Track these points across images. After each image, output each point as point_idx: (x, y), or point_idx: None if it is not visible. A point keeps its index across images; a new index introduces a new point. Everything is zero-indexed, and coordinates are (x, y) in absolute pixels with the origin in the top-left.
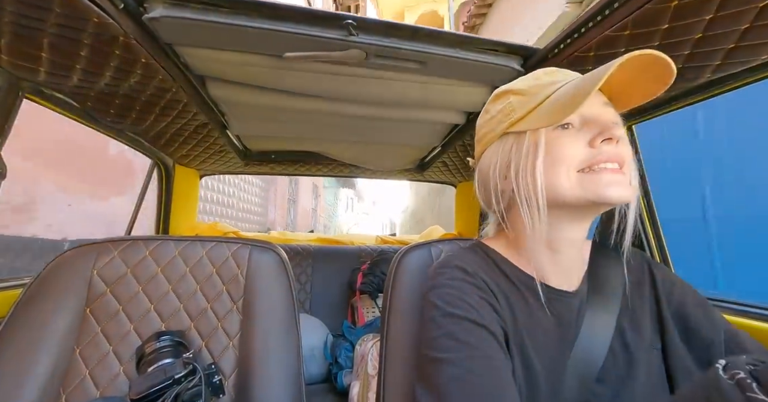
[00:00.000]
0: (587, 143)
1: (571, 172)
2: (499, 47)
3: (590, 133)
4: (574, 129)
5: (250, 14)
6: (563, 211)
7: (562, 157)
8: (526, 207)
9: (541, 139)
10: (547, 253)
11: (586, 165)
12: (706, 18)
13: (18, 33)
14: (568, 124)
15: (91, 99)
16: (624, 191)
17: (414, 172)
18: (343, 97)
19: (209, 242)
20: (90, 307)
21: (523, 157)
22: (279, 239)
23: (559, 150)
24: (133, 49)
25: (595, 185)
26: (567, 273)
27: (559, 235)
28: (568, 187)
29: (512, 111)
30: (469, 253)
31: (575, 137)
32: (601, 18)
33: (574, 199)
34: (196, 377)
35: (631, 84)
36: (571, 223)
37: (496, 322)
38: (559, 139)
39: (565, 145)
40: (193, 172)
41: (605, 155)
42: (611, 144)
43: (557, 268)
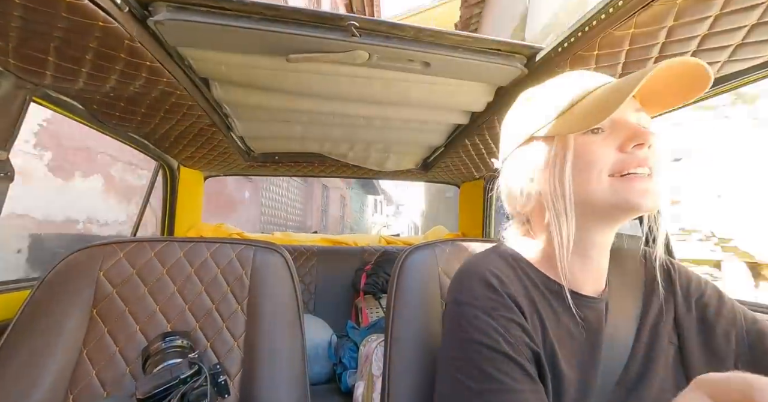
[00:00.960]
0: (617, 148)
1: (602, 176)
2: (502, 47)
3: (621, 138)
4: (604, 133)
5: (254, 16)
6: (593, 217)
7: (592, 161)
8: (554, 212)
9: (570, 143)
10: (576, 259)
11: (616, 170)
12: (711, 15)
13: (25, 37)
14: (598, 128)
15: (96, 102)
16: (655, 199)
17: (417, 172)
18: (346, 98)
19: (214, 243)
20: (97, 308)
21: (551, 161)
22: (283, 240)
23: (589, 154)
24: (138, 52)
25: (626, 192)
26: (595, 278)
27: (588, 240)
28: (599, 191)
29: (541, 114)
30: (496, 259)
31: (605, 142)
32: (605, 16)
33: (605, 204)
34: (201, 377)
35: (664, 89)
36: (601, 229)
37: (524, 346)
38: (589, 144)
39: (595, 149)
40: (197, 174)
41: (636, 160)
42: (642, 149)
43: (586, 274)
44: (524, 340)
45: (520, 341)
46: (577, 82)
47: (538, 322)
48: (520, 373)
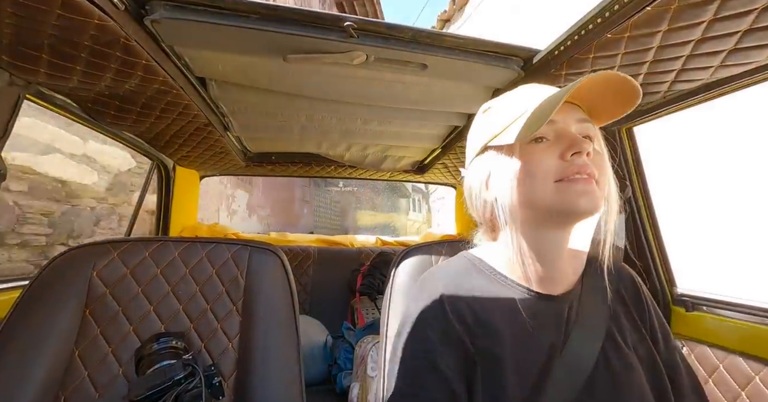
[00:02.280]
0: (558, 156)
1: (547, 182)
2: (499, 49)
3: (561, 147)
4: (548, 142)
5: (252, 16)
6: (541, 221)
7: (535, 169)
8: (503, 217)
9: (516, 152)
10: (533, 261)
11: (560, 177)
12: (705, 20)
13: (19, 34)
14: (542, 138)
15: (91, 100)
16: (594, 202)
17: (414, 173)
18: (343, 99)
19: (209, 243)
20: (89, 308)
21: (500, 170)
22: (279, 240)
23: (532, 163)
24: (134, 50)
25: (566, 194)
26: (557, 280)
27: (542, 243)
28: (543, 196)
29: (493, 126)
30: (452, 267)
31: (548, 150)
32: (601, 20)
33: (547, 207)
34: (195, 379)
35: (603, 101)
36: (552, 232)
37: (453, 356)
38: (532, 153)
39: (538, 157)
40: (193, 173)
41: (575, 167)
42: (580, 157)
43: (545, 275)
44: (457, 354)
45: (452, 357)
46: (528, 95)
47: (486, 330)
48: (444, 387)
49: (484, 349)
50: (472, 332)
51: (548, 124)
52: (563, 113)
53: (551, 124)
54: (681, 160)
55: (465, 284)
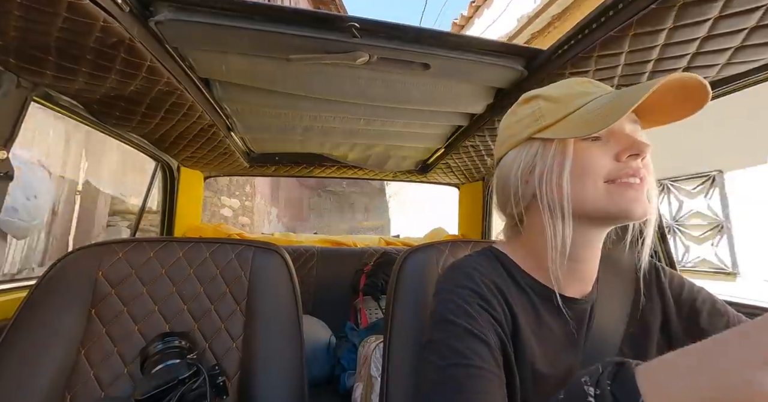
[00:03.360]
0: (614, 156)
1: (598, 182)
2: (502, 49)
3: (618, 147)
4: (602, 142)
5: (255, 17)
6: (585, 221)
7: (589, 168)
8: (548, 215)
9: (569, 148)
10: (565, 262)
11: (611, 177)
12: (711, 17)
13: (26, 38)
14: (596, 137)
15: (96, 102)
16: (644, 208)
17: (417, 173)
18: (347, 99)
19: (213, 244)
20: (95, 308)
21: (548, 164)
22: (282, 241)
23: (586, 161)
24: (139, 52)
25: (619, 198)
26: (580, 281)
27: (579, 244)
28: (594, 197)
29: (541, 117)
30: (479, 258)
31: (603, 150)
32: (605, 19)
33: (598, 210)
34: (200, 378)
35: (662, 104)
36: (592, 234)
37: (494, 334)
38: (587, 150)
39: (592, 156)
40: (197, 174)
41: (631, 169)
42: (637, 159)
43: (572, 277)
44: (495, 329)
45: (491, 329)
46: (579, 88)
47: (512, 320)
48: (488, 354)
49: (512, 338)
50: (502, 318)
51: None
52: None
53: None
54: None
55: (494, 275)
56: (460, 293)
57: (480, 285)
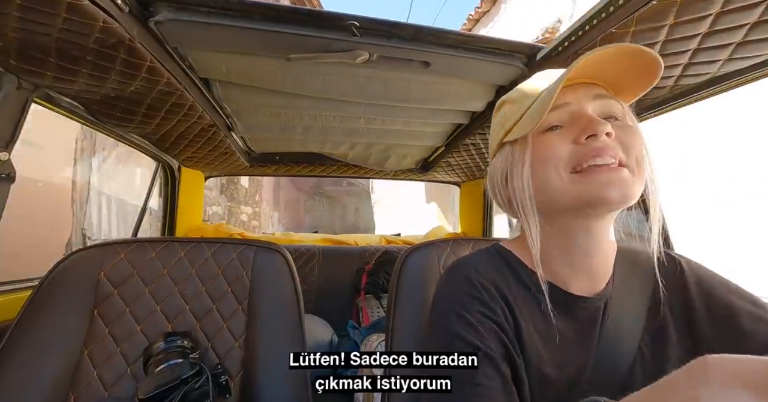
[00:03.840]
0: (572, 141)
1: (562, 172)
2: (502, 46)
3: (575, 131)
4: (563, 128)
5: (255, 17)
6: (565, 215)
7: (547, 157)
8: (521, 212)
9: (528, 144)
10: (562, 258)
11: (575, 163)
12: (712, 13)
13: (26, 39)
14: (556, 125)
15: (97, 102)
16: (622, 190)
17: (418, 172)
18: (347, 98)
19: (214, 244)
20: (98, 308)
21: (515, 164)
22: (284, 240)
23: (545, 152)
24: (139, 52)
25: (589, 185)
26: (588, 277)
27: (570, 239)
28: (562, 189)
29: (506, 120)
30: (483, 257)
31: (562, 137)
32: (605, 15)
33: (571, 202)
34: (202, 378)
35: (623, 76)
36: (580, 226)
37: (494, 338)
38: (546, 141)
39: (550, 146)
40: (198, 174)
41: (593, 150)
42: (597, 139)
43: (575, 273)
44: (498, 335)
45: (494, 337)
46: (533, 83)
47: (514, 322)
48: (494, 371)
49: (517, 340)
50: (505, 320)
51: (560, 107)
52: (574, 94)
53: (563, 107)
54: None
55: (496, 274)
56: (460, 301)
57: (479, 289)
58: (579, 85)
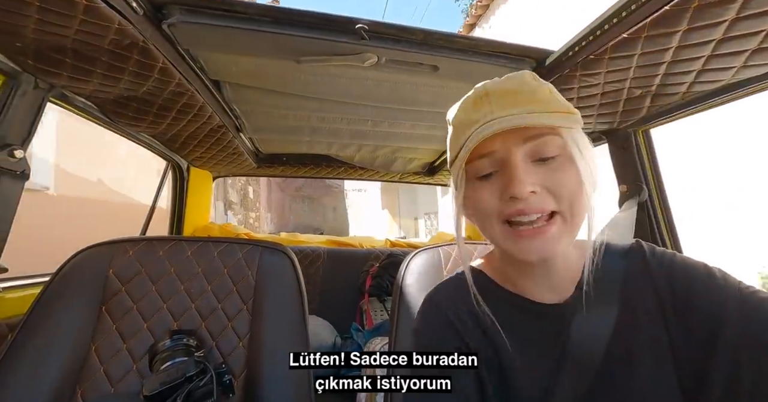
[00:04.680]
0: (499, 196)
1: (494, 222)
2: (511, 50)
3: (502, 184)
4: (494, 177)
5: (265, 19)
6: None
7: (481, 209)
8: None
9: (461, 185)
10: (521, 270)
11: (504, 217)
12: (727, 19)
13: (43, 39)
14: (490, 173)
15: (110, 102)
16: (545, 252)
17: (423, 175)
18: (355, 100)
19: (221, 243)
20: (106, 304)
21: (461, 199)
22: (289, 241)
23: (477, 201)
24: (151, 53)
25: (513, 246)
26: (555, 285)
27: (528, 268)
28: (496, 238)
29: (450, 146)
30: (455, 286)
31: (492, 188)
32: (617, 20)
33: (502, 249)
34: (207, 376)
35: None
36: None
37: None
38: (478, 190)
39: (480, 198)
40: (206, 174)
41: (515, 209)
42: (519, 201)
43: (540, 287)
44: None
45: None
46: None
47: (493, 350)
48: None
49: (492, 361)
50: (480, 345)
51: (488, 156)
52: (502, 139)
53: (491, 155)
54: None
55: (466, 303)
56: (432, 331)
57: (453, 321)
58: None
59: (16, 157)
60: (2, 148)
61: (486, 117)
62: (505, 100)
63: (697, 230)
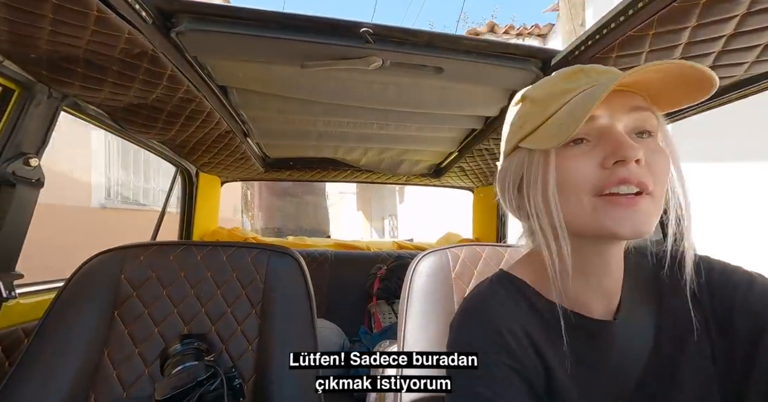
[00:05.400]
0: (599, 164)
1: (584, 197)
2: (516, 51)
3: (603, 152)
4: (589, 145)
5: (271, 25)
6: (583, 240)
7: (570, 180)
8: (540, 232)
9: (551, 158)
10: (576, 280)
11: (598, 189)
12: (737, 14)
13: (56, 50)
14: (582, 139)
15: (120, 110)
16: (639, 227)
17: (431, 177)
18: (360, 104)
19: (230, 248)
20: (118, 309)
21: (533, 178)
22: (297, 244)
23: (567, 172)
24: (161, 61)
25: (604, 216)
26: (605, 299)
27: (585, 261)
28: (579, 214)
29: (525, 123)
30: (501, 293)
31: (588, 156)
32: (624, 18)
33: (585, 228)
34: (217, 380)
35: (668, 87)
36: (598, 249)
37: (518, 393)
38: (570, 160)
39: (574, 166)
40: (215, 179)
41: (617, 178)
42: (625, 166)
43: (591, 295)
44: (524, 389)
45: (517, 392)
46: (562, 85)
47: (545, 373)
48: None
49: (542, 381)
50: (531, 364)
51: (591, 120)
52: (608, 103)
53: (594, 120)
54: None
55: (520, 314)
56: (483, 352)
57: (505, 335)
58: (614, 93)
59: (32, 165)
60: (18, 157)
61: (586, 84)
62: (603, 73)
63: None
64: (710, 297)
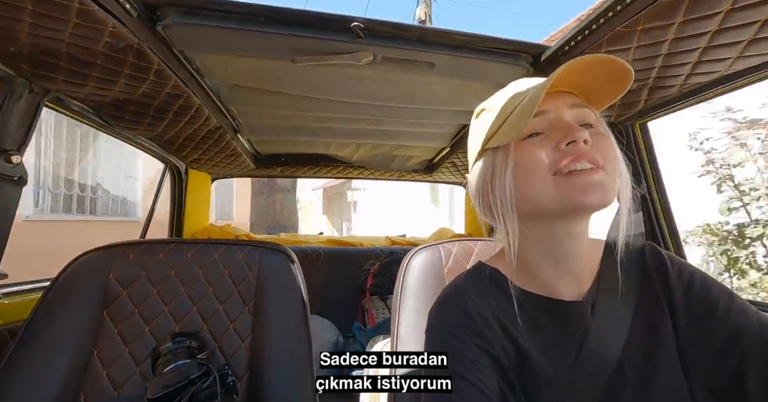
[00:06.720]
0: (553, 147)
1: (545, 176)
2: (507, 46)
3: (555, 137)
4: (543, 136)
5: (260, 19)
6: (549, 220)
7: (530, 164)
8: (501, 221)
9: (510, 151)
10: (546, 264)
11: (557, 168)
12: (722, 10)
13: (38, 44)
14: (536, 133)
15: (106, 106)
16: (602, 193)
17: (423, 173)
18: (352, 99)
19: (221, 245)
20: (107, 308)
21: (497, 170)
22: (289, 241)
23: (528, 158)
24: (147, 56)
25: (569, 189)
26: (574, 282)
27: (552, 244)
28: (545, 192)
29: (487, 127)
30: (471, 282)
31: (542, 143)
32: (612, 14)
33: (554, 205)
34: (210, 378)
35: (596, 85)
36: (563, 231)
37: (491, 372)
38: (527, 148)
39: (532, 151)
40: (205, 176)
41: (572, 154)
42: (576, 146)
43: (561, 279)
44: (495, 369)
45: (490, 371)
46: (516, 91)
47: (516, 354)
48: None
49: (513, 361)
50: (499, 343)
51: (540, 115)
52: (553, 102)
53: (543, 115)
54: None
55: (489, 299)
56: (455, 333)
57: (476, 319)
58: (556, 93)
59: (14, 162)
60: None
61: (534, 87)
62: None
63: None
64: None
